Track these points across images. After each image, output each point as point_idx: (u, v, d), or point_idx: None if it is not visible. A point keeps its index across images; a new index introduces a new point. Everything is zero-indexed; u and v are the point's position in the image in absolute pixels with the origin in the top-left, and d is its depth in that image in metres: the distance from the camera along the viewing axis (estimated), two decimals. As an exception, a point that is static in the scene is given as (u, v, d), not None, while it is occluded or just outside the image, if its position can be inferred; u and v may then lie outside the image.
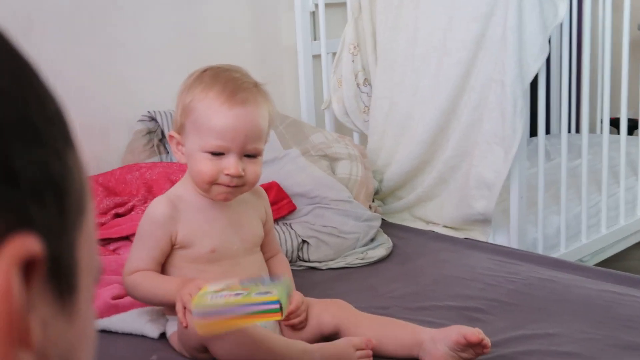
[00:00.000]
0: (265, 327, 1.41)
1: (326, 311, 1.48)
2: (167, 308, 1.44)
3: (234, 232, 1.45)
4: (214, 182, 1.38)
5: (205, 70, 1.40)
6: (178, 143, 1.41)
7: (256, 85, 1.41)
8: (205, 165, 1.36)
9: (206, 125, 1.35)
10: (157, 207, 1.42)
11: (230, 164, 1.36)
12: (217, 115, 1.35)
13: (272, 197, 1.91)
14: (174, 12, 2.37)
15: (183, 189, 1.45)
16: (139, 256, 1.41)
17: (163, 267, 1.44)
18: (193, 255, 1.42)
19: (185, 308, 1.32)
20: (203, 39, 2.45)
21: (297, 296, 1.46)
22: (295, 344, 1.38)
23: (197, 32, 2.44)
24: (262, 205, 1.53)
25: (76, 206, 0.37)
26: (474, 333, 1.34)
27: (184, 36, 2.40)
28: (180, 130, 1.40)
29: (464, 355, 1.36)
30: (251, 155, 1.38)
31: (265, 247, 1.54)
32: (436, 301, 1.67)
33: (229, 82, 1.37)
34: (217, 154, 1.36)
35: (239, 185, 1.39)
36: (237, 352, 1.31)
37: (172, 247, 1.42)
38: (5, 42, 0.35)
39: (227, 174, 1.36)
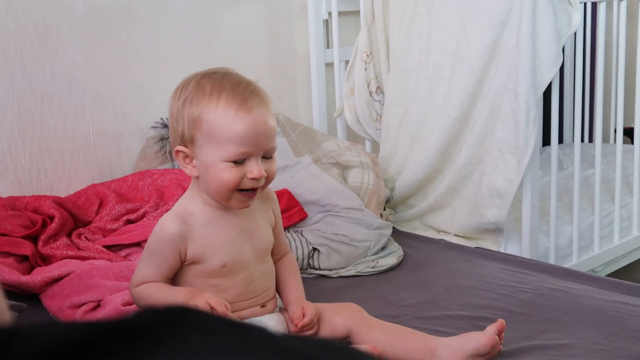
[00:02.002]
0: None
1: (338, 314, 1.47)
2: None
3: (245, 242, 1.44)
4: (236, 189, 1.37)
5: (198, 79, 1.37)
6: (186, 156, 1.38)
7: (255, 84, 1.39)
8: (229, 174, 1.34)
9: (225, 135, 1.33)
10: (166, 224, 1.39)
11: (254, 168, 1.34)
12: (235, 123, 1.32)
13: (283, 205, 1.91)
14: (188, 20, 2.38)
15: (191, 203, 1.42)
16: (146, 270, 1.40)
17: (174, 283, 1.42)
18: (204, 271, 1.41)
19: None
20: (217, 46, 2.45)
21: (312, 308, 1.45)
22: None
23: (211, 39, 2.44)
24: (270, 209, 1.51)
25: None
26: (500, 321, 1.42)
27: (198, 43, 2.41)
28: (189, 143, 1.36)
29: None
30: (268, 156, 1.38)
31: (274, 250, 1.53)
32: (447, 310, 1.67)
33: (235, 87, 1.35)
34: (239, 161, 1.35)
35: (260, 186, 1.38)
36: None
37: (182, 263, 1.41)
38: None
39: (252, 178, 1.35)
